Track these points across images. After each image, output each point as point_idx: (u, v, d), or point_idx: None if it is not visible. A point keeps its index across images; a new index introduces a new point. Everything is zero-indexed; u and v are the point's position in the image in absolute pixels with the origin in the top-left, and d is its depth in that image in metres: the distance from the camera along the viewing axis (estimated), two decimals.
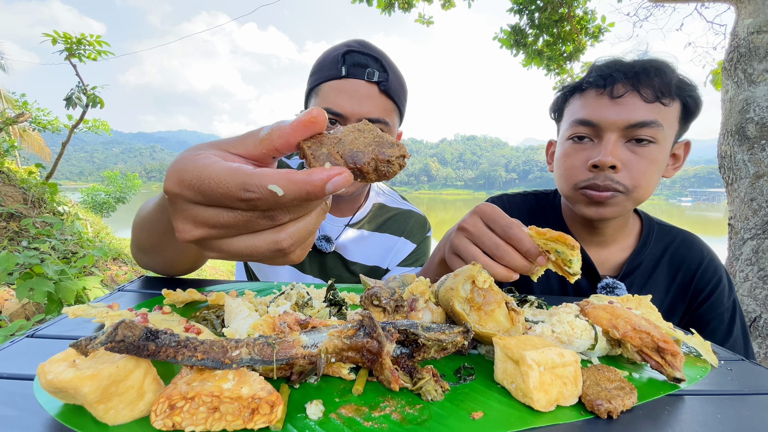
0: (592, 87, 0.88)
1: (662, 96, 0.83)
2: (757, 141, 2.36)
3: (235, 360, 0.35)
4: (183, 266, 0.75)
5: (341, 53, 1.00)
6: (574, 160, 0.90)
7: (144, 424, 0.32)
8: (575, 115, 0.90)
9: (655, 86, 0.83)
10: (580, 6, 5.00)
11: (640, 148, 0.85)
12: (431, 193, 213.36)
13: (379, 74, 0.99)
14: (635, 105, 0.83)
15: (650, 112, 0.83)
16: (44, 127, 7.51)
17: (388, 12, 5.41)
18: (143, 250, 0.71)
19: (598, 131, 0.87)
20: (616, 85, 0.84)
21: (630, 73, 0.84)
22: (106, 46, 4.93)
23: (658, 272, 0.96)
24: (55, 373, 0.30)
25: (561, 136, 0.97)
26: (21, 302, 3.17)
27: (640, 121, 0.82)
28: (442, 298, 0.52)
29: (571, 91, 0.95)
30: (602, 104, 0.86)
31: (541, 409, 0.38)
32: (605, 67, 0.88)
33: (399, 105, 1.06)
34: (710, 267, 0.96)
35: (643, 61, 0.86)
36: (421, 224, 1.27)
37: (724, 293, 0.94)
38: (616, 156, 0.83)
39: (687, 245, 0.99)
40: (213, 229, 0.35)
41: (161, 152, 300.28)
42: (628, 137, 0.85)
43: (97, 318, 0.49)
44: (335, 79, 0.99)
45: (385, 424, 0.35)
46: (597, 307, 0.54)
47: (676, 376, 0.45)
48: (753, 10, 2.45)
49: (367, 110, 0.98)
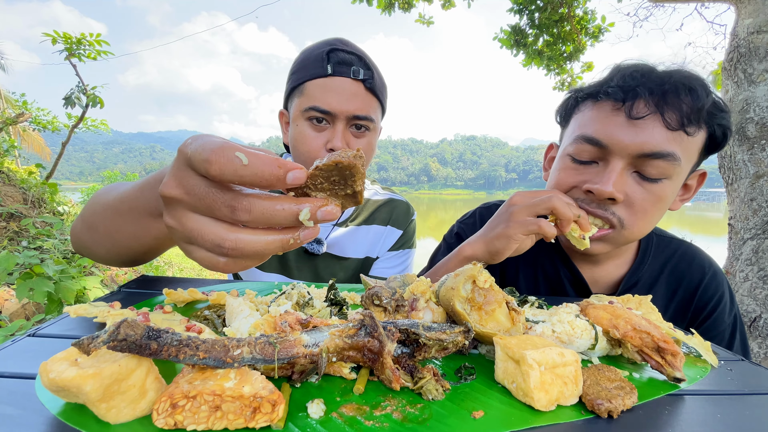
0: (609, 98, 0.75)
1: (688, 124, 0.70)
2: (757, 141, 2.36)
3: (237, 359, 0.35)
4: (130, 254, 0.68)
5: (325, 51, 1.00)
6: (568, 180, 0.80)
7: (146, 423, 0.32)
8: (584, 128, 0.78)
9: (682, 110, 0.70)
10: (580, 6, 5.00)
11: (648, 184, 0.74)
12: (431, 193, 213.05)
13: (363, 72, 1.00)
14: (654, 131, 0.71)
15: (670, 143, 0.71)
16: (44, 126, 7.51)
17: (388, 12, 5.40)
18: (96, 230, 0.66)
19: (605, 153, 0.75)
20: (638, 102, 0.72)
21: (657, 89, 0.71)
22: (106, 45, 4.93)
23: (656, 289, 0.90)
24: (57, 372, 0.30)
25: (563, 145, 0.86)
26: (21, 302, 3.17)
27: (657, 152, 0.71)
28: (443, 297, 0.52)
29: (584, 97, 0.82)
30: (616, 123, 0.73)
31: (541, 408, 0.38)
32: (630, 77, 0.74)
33: (382, 102, 1.09)
34: (712, 284, 0.88)
35: (675, 76, 0.72)
36: (405, 211, 1.31)
37: (725, 310, 0.88)
38: (620, 188, 0.73)
39: (687, 260, 0.91)
40: (186, 195, 0.36)
41: (161, 152, 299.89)
42: (637, 168, 0.74)
43: (98, 317, 0.49)
44: (320, 77, 0.99)
45: (386, 423, 0.35)
46: (597, 307, 0.54)
47: (676, 376, 0.45)
48: (753, 10, 2.45)
49: (355, 107, 0.99)
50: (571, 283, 0.93)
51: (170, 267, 6.49)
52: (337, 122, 1.00)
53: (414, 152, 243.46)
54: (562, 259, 0.94)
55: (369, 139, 1.07)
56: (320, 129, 1.01)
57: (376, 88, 1.03)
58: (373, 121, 1.04)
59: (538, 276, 0.97)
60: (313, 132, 1.01)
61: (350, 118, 1.00)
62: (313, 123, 1.00)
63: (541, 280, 0.96)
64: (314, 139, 1.01)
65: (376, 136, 1.12)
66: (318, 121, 1.00)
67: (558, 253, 0.95)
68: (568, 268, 0.93)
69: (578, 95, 0.83)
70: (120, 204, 0.60)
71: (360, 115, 1.00)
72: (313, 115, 0.99)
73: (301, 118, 1.02)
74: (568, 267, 0.93)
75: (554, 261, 0.95)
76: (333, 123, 1.00)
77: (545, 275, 0.96)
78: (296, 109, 1.03)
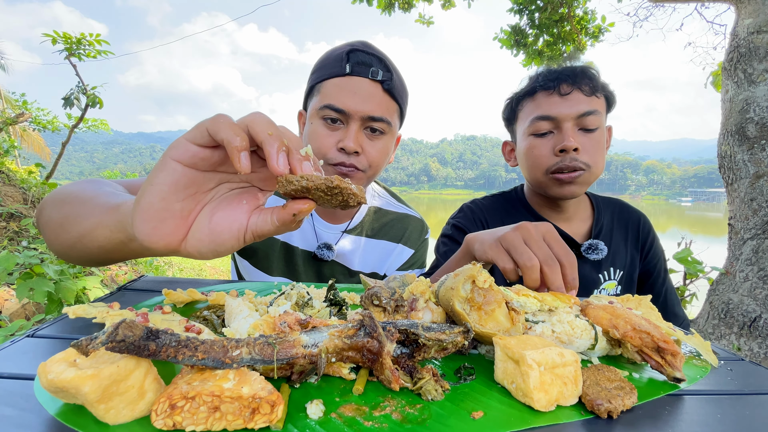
0: (542, 90, 1.07)
1: (595, 90, 1.05)
2: (757, 141, 2.36)
3: (236, 360, 0.35)
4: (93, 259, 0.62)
5: (345, 52, 0.99)
6: (541, 150, 1.07)
7: (144, 424, 0.32)
8: (534, 113, 1.08)
9: (590, 84, 1.04)
10: (580, 6, 5.00)
11: (589, 134, 1.05)
12: (431, 193, 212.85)
13: (383, 73, 0.98)
14: (579, 99, 1.03)
15: (591, 103, 1.04)
16: (44, 126, 7.50)
17: (389, 12, 5.41)
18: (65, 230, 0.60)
19: (557, 123, 1.05)
20: (562, 85, 1.04)
21: (571, 74, 1.05)
22: (106, 45, 4.93)
23: (615, 233, 1.18)
24: (55, 373, 0.30)
25: (521, 132, 1.13)
26: (21, 302, 3.17)
27: (587, 111, 1.03)
28: (443, 297, 0.52)
29: (522, 97, 1.13)
30: (554, 101, 1.05)
31: (541, 408, 0.38)
32: (548, 73, 1.08)
33: (401, 105, 1.06)
34: (646, 222, 1.21)
35: (577, 66, 1.07)
36: (419, 230, 1.27)
37: (657, 240, 1.21)
38: (577, 140, 1.03)
39: (626, 210, 1.23)
40: (194, 158, 0.43)
41: (161, 152, 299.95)
42: (579, 125, 1.04)
43: (97, 318, 0.49)
44: (339, 76, 0.98)
45: (386, 424, 0.35)
46: (597, 307, 0.54)
47: (676, 376, 0.45)
48: (753, 10, 2.45)
49: (371, 108, 0.97)
50: None
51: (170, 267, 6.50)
52: (351, 122, 0.97)
53: (414, 152, 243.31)
54: (539, 220, 1.17)
55: (384, 143, 1.03)
56: (334, 128, 0.99)
57: (395, 91, 1.01)
58: (389, 124, 1.01)
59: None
60: (326, 130, 0.99)
61: (365, 119, 0.98)
62: (327, 122, 0.99)
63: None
64: (326, 137, 0.99)
65: (392, 141, 1.07)
66: (333, 121, 0.98)
67: (539, 220, 1.11)
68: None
69: (517, 96, 1.14)
70: (106, 215, 0.54)
71: (375, 116, 0.98)
72: (327, 114, 0.98)
73: (316, 116, 1.00)
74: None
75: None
76: (347, 123, 0.98)
77: None
78: (312, 108, 1.02)
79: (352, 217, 1.20)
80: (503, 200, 1.26)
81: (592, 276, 1.12)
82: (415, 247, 1.25)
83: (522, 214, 1.19)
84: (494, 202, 1.26)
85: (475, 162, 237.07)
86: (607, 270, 1.13)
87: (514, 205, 1.23)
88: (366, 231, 1.21)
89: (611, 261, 1.14)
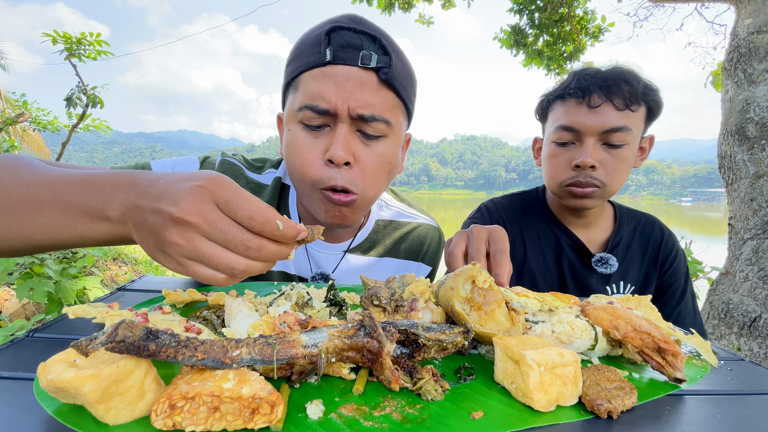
0: (572, 97, 1.03)
1: (631, 104, 0.98)
2: (757, 141, 2.36)
3: (236, 360, 0.35)
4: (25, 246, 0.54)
5: (325, 31, 0.73)
6: (559, 161, 1.06)
7: (144, 424, 0.32)
8: (559, 120, 1.05)
9: (624, 95, 0.98)
10: (580, 6, 5.00)
11: (613, 150, 1.01)
12: (431, 193, 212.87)
13: (377, 57, 0.73)
14: (609, 113, 0.98)
15: (621, 119, 0.98)
16: (44, 127, 7.50)
17: (389, 12, 5.40)
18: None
19: (579, 136, 1.02)
20: (593, 95, 0.99)
21: (604, 85, 0.99)
22: (106, 45, 4.93)
23: (633, 247, 1.15)
24: (55, 373, 0.30)
25: (546, 136, 1.11)
26: (21, 302, 3.17)
27: (614, 127, 0.98)
28: (442, 298, 0.52)
29: (554, 98, 1.10)
30: (581, 112, 1.00)
31: (541, 409, 0.38)
32: (582, 78, 1.02)
33: (405, 100, 0.80)
34: (670, 241, 1.17)
35: (614, 72, 1.01)
36: (437, 242, 1.10)
37: (681, 260, 1.17)
38: (595, 157, 1.00)
39: (650, 224, 1.19)
40: (206, 224, 0.43)
41: (161, 152, 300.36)
42: (604, 140, 1.00)
43: (97, 318, 0.49)
44: (318, 66, 0.74)
45: (386, 424, 0.35)
46: (597, 307, 0.53)
47: (677, 376, 0.45)
48: (753, 10, 2.45)
49: (360, 103, 0.73)
50: (571, 248, 1.15)
51: None
52: (339, 123, 0.74)
53: (414, 152, 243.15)
54: (559, 227, 1.17)
55: (385, 149, 0.78)
56: (317, 134, 0.76)
57: (395, 81, 0.75)
58: (388, 124, 0.77)
59: (542, 245, 1.17)
60: (309, 139, 0.76)
61: (355, 119, 0.74)
62: (308, 129, 0.76)
63: (545, 249, 1.17)
64: (309, 149, 0.76)
65: (396, 145, 0.81)
66: (316, 127, 0.76)
67: (556, 224, 1.17)
68: (566, 234, 1.15)
69: (549, 98, 1.11)
70: (42, 192, 0.50)
71: (366, 115, 0.73)
72: (307, 116, 0.74)
73: (294, 120, 0.77)
74: (566, 234, 1.15)
75: (554, 231, 1.17)
76: (333, 125, 0.75)
77: (548, 243, 1.17)
78: (289, 110, 0.79)
79: (355, 234, 1.00)
80: (522, 201, 1.25)
81: (599, 288, 1.10)
82: (435, 262, 1.11)
83: (539, 216, 1.19)
84: (513, 202, 1.25)
85: (475, 162, 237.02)
86: (616, 283, 1.12)
87: (533, 206, 1.22)
88: (377, 249, 1.03)
89: (622, 275, 1.12)
